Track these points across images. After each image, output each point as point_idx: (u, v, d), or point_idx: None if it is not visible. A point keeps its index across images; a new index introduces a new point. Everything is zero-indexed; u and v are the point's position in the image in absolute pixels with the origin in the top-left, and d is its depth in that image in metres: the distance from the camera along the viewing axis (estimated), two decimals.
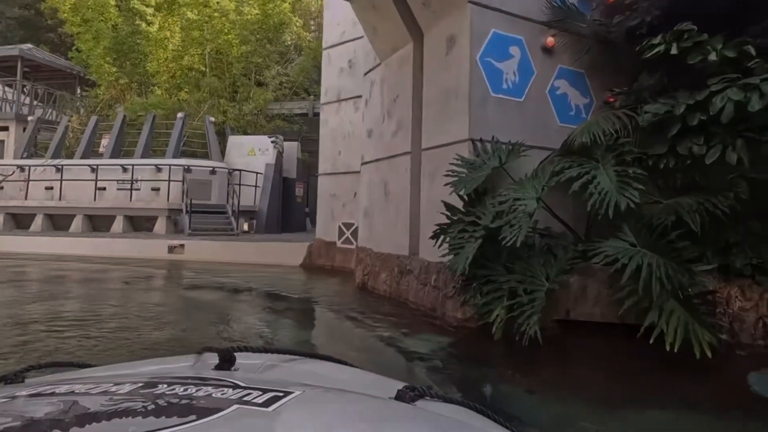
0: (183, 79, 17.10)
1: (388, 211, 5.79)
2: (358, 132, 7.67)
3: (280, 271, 8.42)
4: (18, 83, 17.47)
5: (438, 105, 4.90)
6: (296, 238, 10.69)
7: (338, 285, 7.02)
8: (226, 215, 12.57)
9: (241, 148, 14.77)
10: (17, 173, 14.80)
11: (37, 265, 9.60)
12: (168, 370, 0.92)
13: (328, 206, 8.65)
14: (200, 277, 8.05)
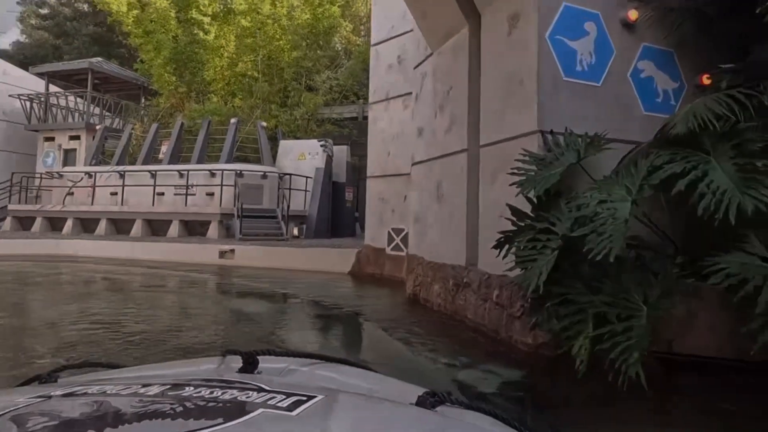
0: (237, 85, 17.14)
1: (442, 216, 5.12)
2: (408, 131, 7.06)
3: (328, 278, 7.93)
4: (88, 94, 18.13)
5: (499, 95, 4.20)
6: (345, 243, 10.20)
7: (388, 296, 6.42)
8: (276, 220, 12.30)
9: (291, 153, 14.53)
10: (85, 179, 15.25)
11: (91, 269, 9.63)
12: (193, 372, 0.91)
13: (377, 211, 8.08)
14: (248, 284, 7.70)
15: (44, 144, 18.53)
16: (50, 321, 4.79)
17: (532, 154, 3.58)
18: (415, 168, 6.12)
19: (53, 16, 28.98)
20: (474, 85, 4.67)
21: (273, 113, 16.57)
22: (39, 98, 18.52)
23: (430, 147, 5.56)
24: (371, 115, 8.51)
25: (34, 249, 11.89)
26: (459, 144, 4.84)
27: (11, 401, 0.62)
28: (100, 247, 11.76)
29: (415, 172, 6.14)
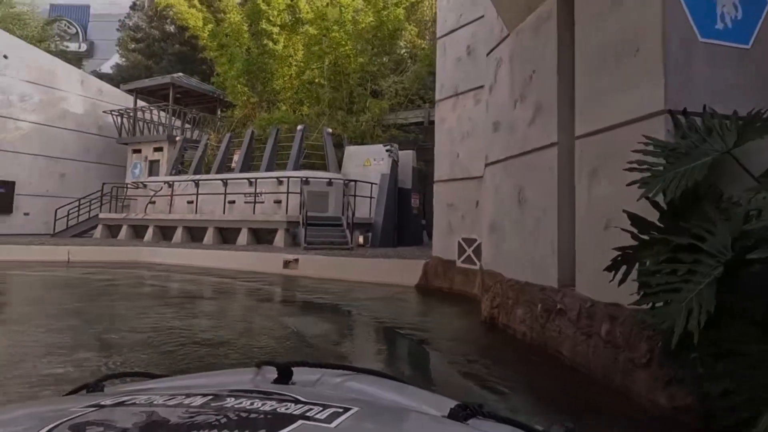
0: (305, 93, 16.95)
1: (525, 224, 4.17)
2: (480, 128, 6.15)
3: (393, 292, 7.14)
4: (170, 108, 18.76)
5: (602, 70, 3.21)
6: (412, 253, 9.38)
7: (459, 317, 5.52)
8: (341, 228, 11.74)
9: (356, 159, 13.98)
10: (164, 189, 15.62)
11: (164, 277, 9.52)
12: (231, 383, 0.90)
13: (445, 218, 7.18)
14: (309, 298, 7.10)
15: (132, 156, 19.43)
16: (133, 330, 4.62)
17: (658, 143, 2.57)
18: (489, 169, 5.20)
19: (144, 39, 30.81)
20: (565, 63, 3.70)
21: (339, 119, 16.16)
22: (128, 113, 19.43)
23: (508, 144, 4.62)
24: (438, 114, 7.65)
25: (116, 256, 12.17)
26: (546, 137, 3.88)
27: (66, 409, 0.64)
28: (173, 255, 11.79)
29: (489, 174, 5.21)
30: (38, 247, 12.39)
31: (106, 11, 41.83)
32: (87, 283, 8.83)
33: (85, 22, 37.91)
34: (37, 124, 18.06)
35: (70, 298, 6.72)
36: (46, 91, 18.41)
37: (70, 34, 36.11)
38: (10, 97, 17.31)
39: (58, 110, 18.80)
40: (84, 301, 6.48)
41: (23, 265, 11.17)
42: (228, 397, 0.69)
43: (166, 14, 29.64)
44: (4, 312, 5.96)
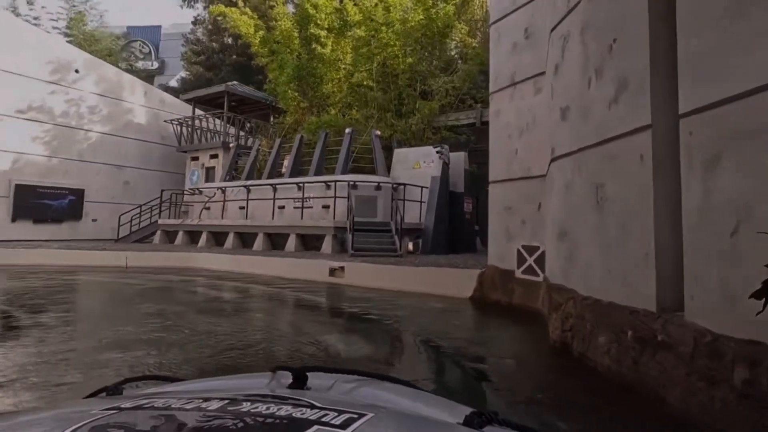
0: (354, 96, 16.50)
1: (605, 230, 3.31)
2: (543, 120, 5.30)
3: (446, 305, 6.36)
4: (224, 115, 18.95)
5: (727, 16, 2.33)
6: (465, 261, 8.55)
7: (521, 338, 4.67)
8: (390, 234, 11.08)
9: (406, 162, 13.31)
10: (217, 195, 15.65)
11: (212, 284, 9.25)
12: (247, 387, 0.93)
13: (502, 223, 6.32)
14: (355, 310, 6.45)
15: (190, 163, 19.80)
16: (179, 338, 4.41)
17: None
18: (556, 165, 4.35)
19: (205, 52, 31.82)
20: (659, 22, 2.84)
21: (388, 122, 15.58)
22: (186, 122, 19.85)
23: (580, 132, 3.77)
24: (492, 107, 6.82)
25: (168, 262, 12.16)
26: (634, 119, 3.02)
27: (85, 412, 0.65)
28: (222, 261, 11.61)
29: (556, 171, 4.36)
30: (100, 253, 12.61)
31: (176, 30, 44.03)
32: (123, 288, 8.69)
33: (157, 41, 40.05)
34: (105, 134, 18.77)
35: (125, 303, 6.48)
36: (113, 102, 19.12)
37: (144, 53, 38.19)
38: (80, 109, 18.08)
39: (124, 121, 19.48)
40: (131, 304, 6.20)
41: (86, 270, 11.38)
42: (244, 402, 0.69)
43: (223, 26, 30.57)
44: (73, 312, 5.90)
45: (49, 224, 16.76)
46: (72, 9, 27.23)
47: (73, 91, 17.80)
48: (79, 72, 17.98)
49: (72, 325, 5.46)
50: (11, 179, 15.81)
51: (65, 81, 17.55)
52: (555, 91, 4.46)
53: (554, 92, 4.49)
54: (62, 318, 5.61)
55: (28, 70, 16.37)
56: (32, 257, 12.32)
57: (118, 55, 29.25)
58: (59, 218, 17.11)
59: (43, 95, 16.80)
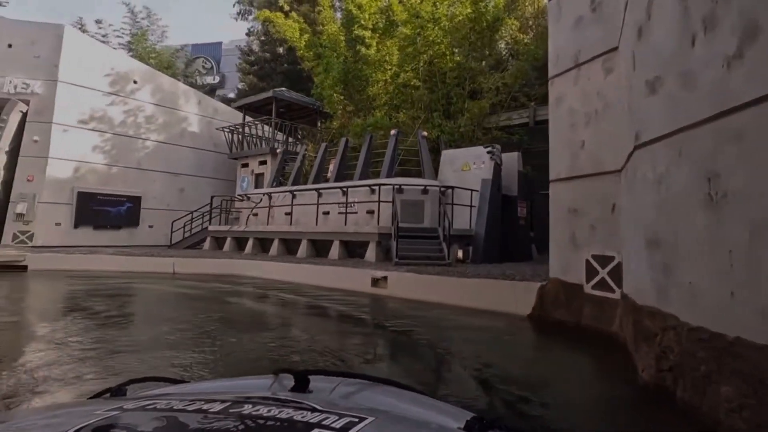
0: (400, 98, 15.78)
1: (725, 236, 2.35)
2: (616, 104, 4.31)
3: (500, 325, 5.44)
4: (272, 121, 18.82)
5: None
6: (521, 271, 7.53)
7: (597, 374, 3.69)
8: (437, 240, 10.21)
9: (454, 163, 12.40)
10: (264, 201, 15.40)
11: (254, 294, 8.78)
12: (249, 390, 0.92)
13: (567, 228, 5.31)
14: (395, 325, 5.69)
15: (241, 170, 19.83)
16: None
17: None
18: (643, 153, 3.38)
19: (258, 62, 32.40)
20: None
21: (435, 122, 14.72)
22: (237, 129, 19.93)
23: (681, 106, 2.81)
24: (553, 94, 5.83)
25: (213, 269, 11.93)
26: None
27: (89, 412, 0.66)
28: (265, 269, 11.20)
29: (643, 160, 3.39)
30: (150, 259, 12.61)
31: (234, 45, 45.79)
32: (167, 297, 8.38)
33: (218, 57, 41.77)
34: (161, 143, 19.12)
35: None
36: (169, 112, 19.49)
37: (207, 68, 39.84)
38: (138, 119, 18.53)
39: (179, 129, 19.81)
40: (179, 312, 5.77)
41: (136, 276, 11.35)
42: (246, 404, 0.69)
43: (274, 36, 31.02)
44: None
45: (108, 230, 17.19)
46: (135, 25, 28.48)
47: (132, 101, 18.27)
48: (137, 83, 18.45)
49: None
50: (74, 187, 16.31)
51: (124, 92, 18.04)
52: (639, 61, 3.49)
53: (637, 62, 3.52)
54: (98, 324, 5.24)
55: (90, 82, 16.93)
56: (87, 262, 12.50)
57: (176, 68, 30.25)
58: (118, 224, 17.52)
59: (103, 106, 17.32)
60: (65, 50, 16.30)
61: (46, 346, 4.12)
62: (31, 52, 16.15)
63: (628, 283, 3.90)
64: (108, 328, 5.14)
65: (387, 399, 0.87)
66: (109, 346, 4.16)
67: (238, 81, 37.96)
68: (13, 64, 15.92)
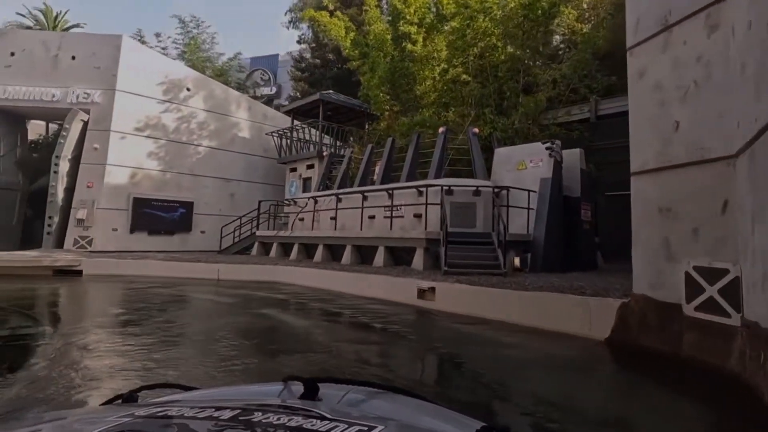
0: (449, 95, 14.81)
1: None
2: (723, 71, 3.22)
3: (571, 352, 4.40)
4: (319, 124, 18.42)
5: None
6: (590, 283, 6.39)
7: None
8: (491, 247, 9.17)
9: (509, 162, 11.28)
10: (309, 205, 14.91)
11: (297, 305, 8.15)
12: (259, 397, 0.92)
13: (658, 233, 4.18)
14: (438, 350, 4.79)
15: (289, 174, 19.59)
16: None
17: None
18: None
19: (308, 69, 32.50)
20: None
21: (487, 119, 13.62)
22: (285, 134, 19.74)
23: None
24: (633, 67, 4.71)
25: (256, 275, 11.51)
26: None
27: (100, 419, 0.65)
28: (307, 276, 10.62)
29: None
30: (195, 265, 12.41)
31: (290, 56, 46.93)
32: (205, 306, 7.93)
33: (275, 69, 42.96)
34: (212, 149, 19.22)
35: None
36: (220, 118, 19.59)
37: (264, 80, 40.99)
38: (190, 125, 18.73)
39: (230, 135, 19.87)
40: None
41: (183, 282, 11.15)
42: (256, 412, 0.68)
43: (323, 42, 30.95)
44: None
45: (162, 236, 17.37)
46: (187, 35, 29.28)
47: (185, 108, 18.48)
48: (190, 90, 18.66)
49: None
50: (130, 193, 16.60)
51: (177, 99, 18.27)
52: None
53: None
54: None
55: (145, 90, 17.25)
56: (137, 268, 12.50)
57: (228, 75, 30.87)
58: (171, 230, 17.71)
59: (158, 113, 17.59)
60: (123, 60, 16.69)
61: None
62: (92, 63, 16.66)
63: (755, 306, 2.83)
64: (127, 339, 4.63)
65: (397, 407, 0.86)
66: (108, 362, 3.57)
67: (291, 89, 38.41)
68: (77, 75, 16.48)
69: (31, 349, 4.33)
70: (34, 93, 16.22)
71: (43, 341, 4.72)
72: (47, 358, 3.85)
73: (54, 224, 15.38)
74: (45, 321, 6.29)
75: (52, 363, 3.68)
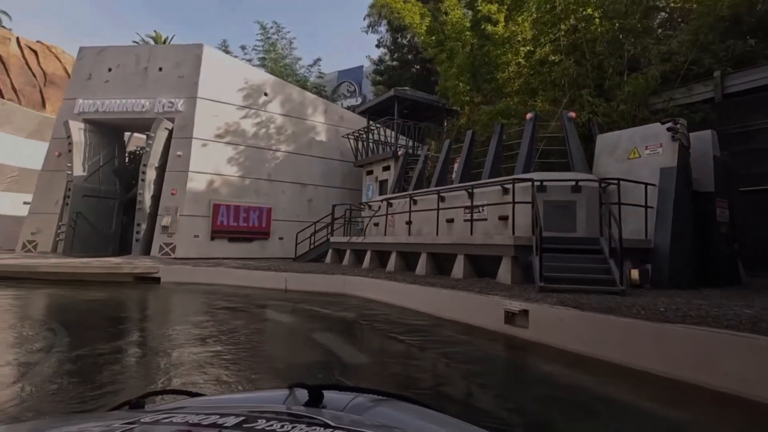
0: (537, 78, 12.68)
1: None
2: None
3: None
4: (394, 122, 17.12)
5: None
6: (746, 304, 4.26)
7: None
8: (600, 256, 7.15)
9: (616, 150, 9.06)
10: (382, 208, 13.60)
11: (342, 320, 6.83)
12: (264, 403, 0.91)
13: None
14: (543, 417, 3.13)
15: (365, 177, 18.53)
16: None
17: None
18: None
19: (387, 71, 31.59)
20: None
21: (584, 102, 11.34)
22: (360, 135, 18.71)
23: None
24: None
25: (323, 286, 10.42)
26: None
27: (107, 425, 0.65)
28: (377, 288, 9.27)
29: None
30: (264, 273, 11.63)
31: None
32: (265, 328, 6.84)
33: (360, 80, 43.33)
34: (289, 153, 18.73)
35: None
36: (297, 122, 19.07)
37: (350, 91, 41.44)
38: (269, 130, 18.36)
39: (307, 139, 19.29)
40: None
41: (252, 292, 10.45)
42: (259, 419, 0.68)
43: (401, 43, 29.73)
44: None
45: (241, 242, 17.09)
46: (267, 41, 29.52)
47: (263, 113, 18.15)
48: (268, 95, 18.31)
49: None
50: (210, 199, 16.48)
51: (256, 104, 17.99)
52: None
53: None
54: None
55: (225, 97, 17.12)
56: (211, 276, 12.05)
57: (307, 81, 30.78)
58: (250, 237, 17.37)
59: (237, 119, 17.39)
60: (204, 68, 16.68)
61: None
62: (176, 73, 16.83)
63: None
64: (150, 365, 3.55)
65: (401, 415, 0.85)
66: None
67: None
68: (163, 85, 16.74)
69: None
70: (127, 105, 16.68)
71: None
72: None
73: (142, 231, 15.61)
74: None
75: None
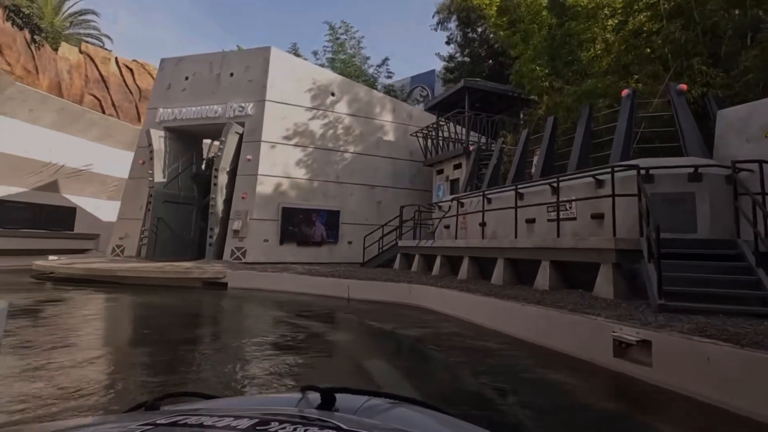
0: (631, 52, 10.60)
1: None
2: None
3: None
4: (466, 116, 15.63)
5: None
6: None
7: None
8: (742, 264, 5.29)
9: (746, 127, 6.98)
10: (453, 209, 12.24)
11: (398, 346, 5.64)
12: (277, 406, 0.92)
13: None
14: None
15: (436, 177, 17.24)
16: None
17: None
18: None
19: (458, 68, 30.02)
20: None
21: (695, 73, 9.14)
22: (429, 133, 17.46)
23: None
24: None
25: (387, 295, 9.31)
26: None
27: (124, 426, 0.65)
28: (446, 300, 7.97)
29: None
30: (328, 280, 10.79)
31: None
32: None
33: (432, 84, 42.66)
34: (357, 154, 17.94)
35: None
36: (365, 122, 18.25)
37: (423, 96, 40.91)
38: (336, 131, 17.72)
39: (374, 139, 18.39)
40: None
41: (314, 300, 9.71)
42: (273, 422, 0.68)
43: (471, 37, 28.03)
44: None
45: (310, 247, 16.53)
46: (336, 42, 29.06)
47: (330, 113, 17.57)
48: (335, 95, 17.71)
49: None
50: (279, 203, 16.08)
51: (324, 105, 17.42)
52: None
53: None
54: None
55: (292, 99, 16.73)
56: (276, 282, 11.48)
57: (374, 81, 30.01)
58: (318, 241, 16.79)
59: (305, 120, 16.90)
60: (271, 70, 16.39)
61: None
62: (246, 77, 16.71)
63: None
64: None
65: (414, 419, 0.85)
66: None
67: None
68: (234, 90, 16.70)
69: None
70: (201, 111, 16.82)
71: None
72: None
73: (215, 235, 15.56)
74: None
75: None
